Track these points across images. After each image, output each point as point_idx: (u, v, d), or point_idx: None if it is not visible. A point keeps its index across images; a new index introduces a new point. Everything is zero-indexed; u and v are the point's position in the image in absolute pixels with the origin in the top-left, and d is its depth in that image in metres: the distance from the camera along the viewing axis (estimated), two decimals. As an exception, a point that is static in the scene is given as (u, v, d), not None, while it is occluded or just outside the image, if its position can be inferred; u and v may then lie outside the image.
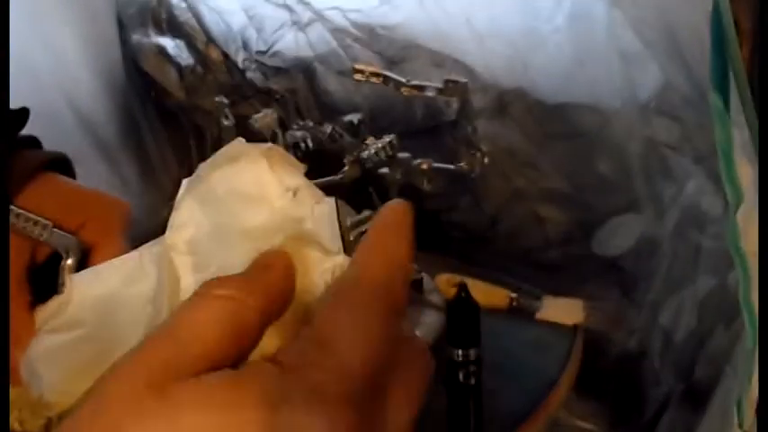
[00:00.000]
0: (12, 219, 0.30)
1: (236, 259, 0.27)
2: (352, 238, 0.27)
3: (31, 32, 0.69)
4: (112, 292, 0.31)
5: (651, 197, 0.70)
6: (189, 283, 0.29)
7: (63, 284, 0.33)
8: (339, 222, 0.28)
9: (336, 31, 0.84)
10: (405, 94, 0.68)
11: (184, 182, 0.33)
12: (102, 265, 0.34)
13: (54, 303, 0.32)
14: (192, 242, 0.30)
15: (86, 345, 0.31)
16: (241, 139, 0.31)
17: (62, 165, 0.45)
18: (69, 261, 0.34)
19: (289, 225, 0.28)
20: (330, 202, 0.28)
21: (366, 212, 0.28)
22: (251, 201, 0.29)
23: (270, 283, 0.23)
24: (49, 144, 0.75)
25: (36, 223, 0.31)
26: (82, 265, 0.37)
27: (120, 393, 0.19)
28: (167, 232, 0.32)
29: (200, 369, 0.20)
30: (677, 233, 0.67)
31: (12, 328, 0.31)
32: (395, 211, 0.26)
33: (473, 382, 0.50)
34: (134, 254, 0.34)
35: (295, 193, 0.29)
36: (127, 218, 0.43)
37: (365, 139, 0.71)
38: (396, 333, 0.23)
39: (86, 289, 0.32)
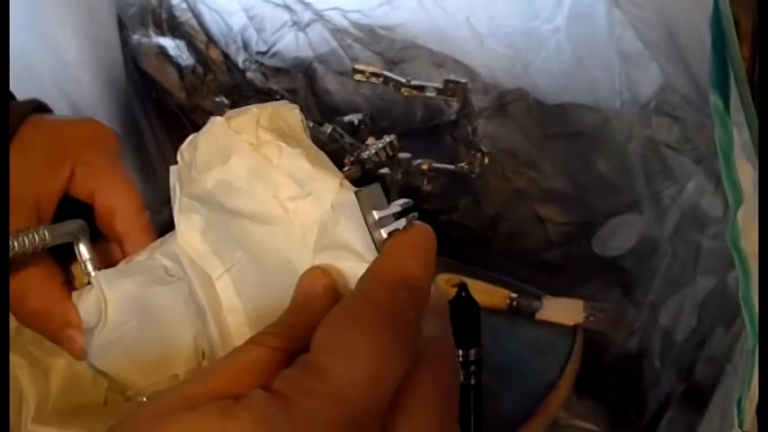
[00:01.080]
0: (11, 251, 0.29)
1: (255, 244, 0.28)
2: (385, 236, 0.25)
3: (31, 32, 0.69)
4: (144, 290, 0.32)
5: (651, 197, 0.70)
6: (219, 273, 0.29)
7: (88, 273, 0.32)
8: (364, 217, 0.25)
9: (336, 32, 0.84)
10: (405, 94, 0.68)
11: (173, 171, 0.32)
12: (125, 266, 0.33)
13: (91, 299, 0.32)
14: (205, 232, 0.30)
15: (139, 341, 0.31)
16: (218, 120, 0.29)
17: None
18: (82, 245, 0.32)
19: (310, 229, 0.27)
20: (350, 198, 0.25)
21: (397, 205, 0.25)
22: (259, 207, 0.28)
23: (316, 319, 0.22)
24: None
25: (30, 236, 0.30)
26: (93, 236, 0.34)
27: (132, 421, 0.20)
28: (178, 235, 0.31)
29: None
30: (677, 233, 0.67)
31: (50, 305, 0.32)
32: (415, 232, 0.25)
33: (473, 382, 0.50)
34: (147, 253, 0.34)
35: (309, 192, 0.27)
36: (116, 147, 0.38)
37: (365, 139, 0.71)
38: (407, 353, 0.21)
39: (117, 288, 0.32)
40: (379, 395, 0.20)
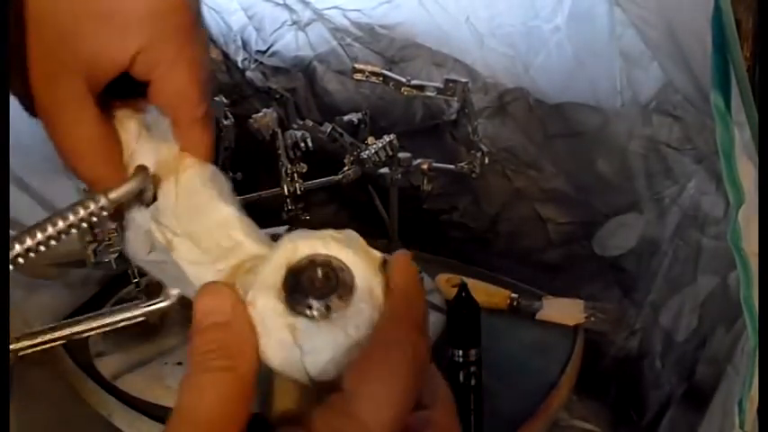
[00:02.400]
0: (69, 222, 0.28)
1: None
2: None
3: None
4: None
5: (652, 197, 0.70)
6: None
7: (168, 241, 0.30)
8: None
9: (336, 31, 0.83)
10: (405, 93, 0.68)
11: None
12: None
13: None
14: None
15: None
16: None
17: None
18: (147, 206, 0.30)
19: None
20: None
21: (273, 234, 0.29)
22: None
23: (241, 338, 0.24)
24: (49, 145, 0.75)
25: (90, 204, 0.28)
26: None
27: None
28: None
29: None
30: (678, 233, 0.67)
31: None
32: (413, 270, 0.26)
33: (473, 382, 0.50)
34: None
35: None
36: (187, 20, 0.29)
37: (365, 139, 0.71)
38: (420, 387, 0.24)
39: None
40: (399, 428, 0.22)
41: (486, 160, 0.71)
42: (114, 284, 0.72)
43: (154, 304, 0.40)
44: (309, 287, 0.25)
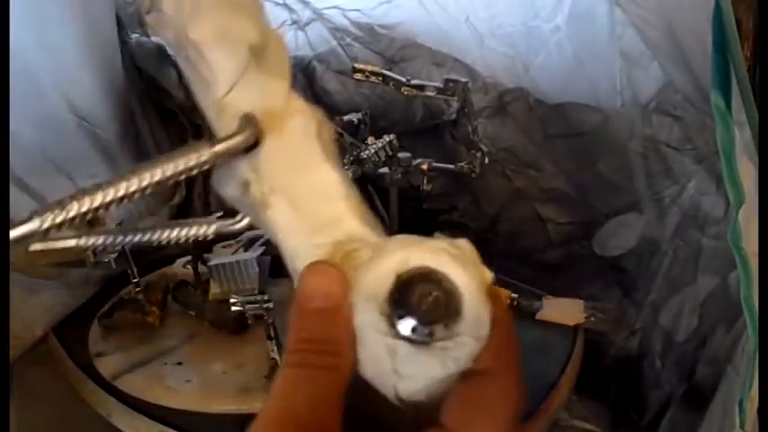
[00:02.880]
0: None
1: None
2: None
3: (31, 32, 0.69)
4: None
5: (652, 197, 0.70)
6: None
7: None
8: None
9: (336, 31, 0.83)
10: (405, 93, 0.68)
11: None
12: None
13: None
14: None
15: None
16: None
17: None
18: (247, 151, 0.26)
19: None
20: None
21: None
22: None
23: (348, 332, 0.23)
24: (49, 144, 0.75)
25: (192, 156, 0.25)
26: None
27: None
28: None
29: None
30: (678, 233, 0.67)
31: None
32: (503, 302, 0.26)
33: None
34: None
35: None
36: None
37: (365, 139, 0.71)
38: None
39: None
40: None
41: (486, 160, 0.71)
42: (114, 284, 0.72)
43: (231, 224, 0.36)
44: (416, 307, 0.23)
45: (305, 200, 0.26)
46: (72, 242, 0.38)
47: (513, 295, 0.70)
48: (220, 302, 0.61)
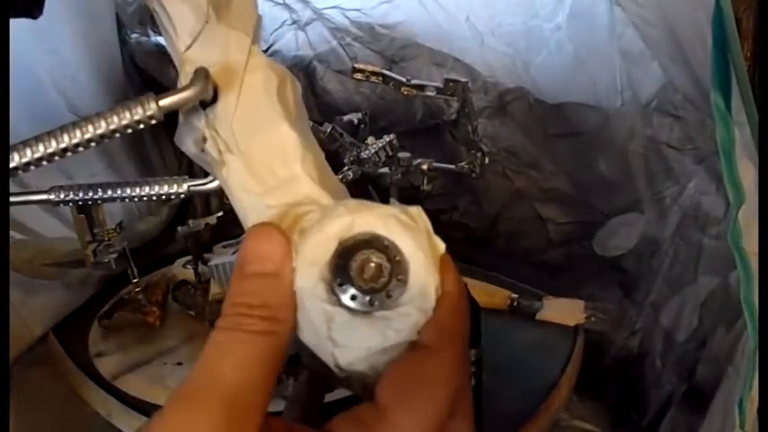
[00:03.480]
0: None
1: None
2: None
3: (29, 32, 0.69)
4: None
5: (652, 197, 0.70)
6: None
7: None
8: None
9: (336, 30, 0.83)
10: (405, 93, 0.67)
11: None
12: None
13: None
14: None
15: None
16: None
17: None
18: (204, 107, 0.25)
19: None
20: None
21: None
22: None
23: (287, 297, 0.22)
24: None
25: (137, 109, 0.25)
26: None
27: None
28: None
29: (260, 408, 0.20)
30: (679, 233, 0.67)
31: None
32: (457, 277, 0.23)
33: (474, 382, 0.50)
34: None
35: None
36: None
37: (365, 139, 0.71)
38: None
39: None
40: None
41: (487, 160, 0.71)
42: (114, 285, 0.72)
43: (202, 184, 0.36)
44: (357, 275, 0.22)
45: (260, 159, 0.25)
46: (42, 196, 0.38)
47: (513, 295, 0.70)
48: (220, 302, 0.60)
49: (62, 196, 0.38)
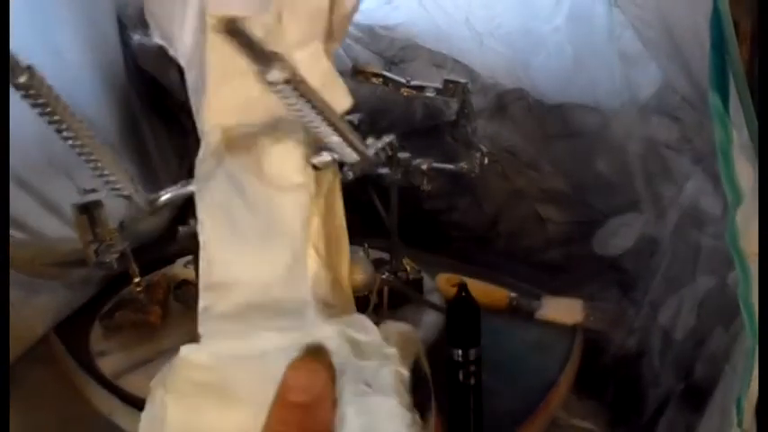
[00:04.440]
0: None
1: None
2: None
3: (31, 32, 0.69)
4: None
5: (651, 197, 0.70)
6: None
7: None
8: None
9: (336, 32, 0.83)
10: (404, 94, 0.68)
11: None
12: None
13: None
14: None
15: None
16: None
17: None
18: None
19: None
20: None
21: None
22: None
23: (317, 421, 0.24)
24: (49, 144, 0.75)
25: None
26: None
27: None
28: None
29: None
30: (677, 233, 0.67)
31: None
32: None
33: (473, 382, 0.50)
34: None
35: None
36: None
37: (365, 140, 0.71)
38: None
39: None
40: None
41: (486, 160, 0.71)
42: (115, 284, 0.72)
43: None
44: None
45: None
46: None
47: (513, 295, 0.70)
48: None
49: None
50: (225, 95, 0.29)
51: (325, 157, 0.28)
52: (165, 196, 0.34)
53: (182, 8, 0.29)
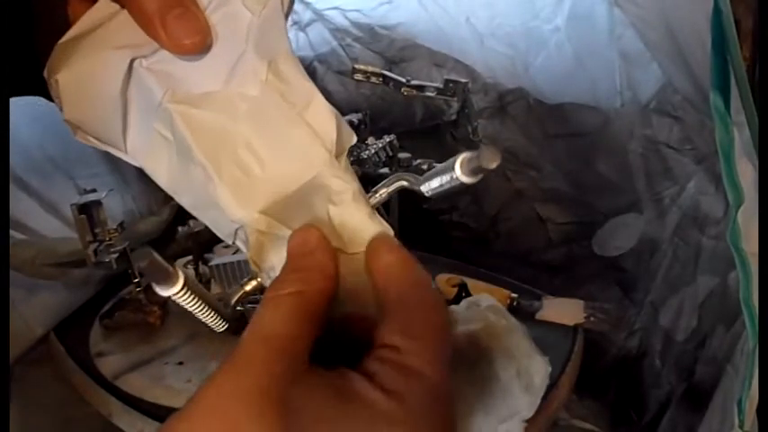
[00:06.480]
0: None
1: None
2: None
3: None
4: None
5: (652, 197, 0.70)
6: None
7: None
8: None
9: (336, 31, 0.84)
10: (405, 93, 0.68)
11: None
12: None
13: None
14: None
15: None
16: None
17: None
18: None
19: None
20: None
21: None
22: None
23: (318, 266, 0.27)
24: (49, 144, 0.75)
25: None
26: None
27: (232, 399, 0.23)
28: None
29: (297, 367, 0.24)
30: (678, 233, 0.67)
31: None
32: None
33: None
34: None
35: None
36: None
37: (365, 139, 0.71)
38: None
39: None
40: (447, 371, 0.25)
41: (486, 160, 0.71)
42: (115, 284, 0.72)
43: None
44: None
45: None
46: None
47: (513, 295, 0.70)
48: (221, 302, 0.61)
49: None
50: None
51: None
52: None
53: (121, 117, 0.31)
